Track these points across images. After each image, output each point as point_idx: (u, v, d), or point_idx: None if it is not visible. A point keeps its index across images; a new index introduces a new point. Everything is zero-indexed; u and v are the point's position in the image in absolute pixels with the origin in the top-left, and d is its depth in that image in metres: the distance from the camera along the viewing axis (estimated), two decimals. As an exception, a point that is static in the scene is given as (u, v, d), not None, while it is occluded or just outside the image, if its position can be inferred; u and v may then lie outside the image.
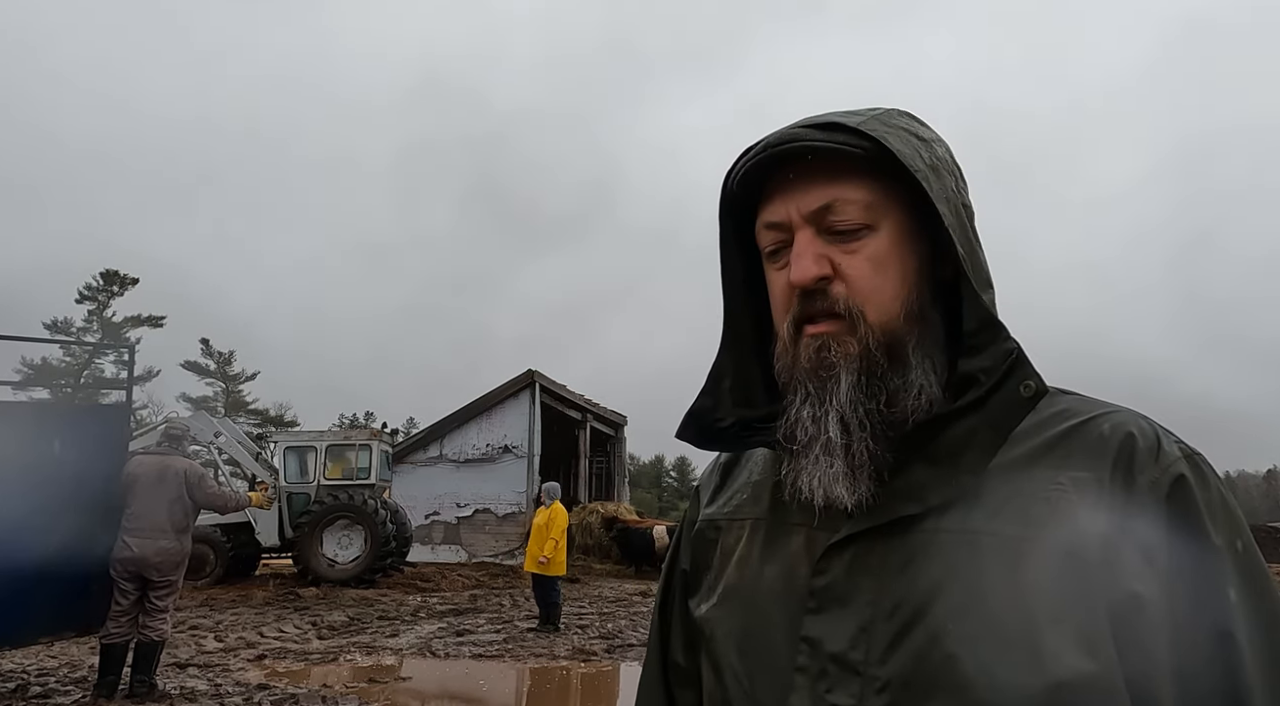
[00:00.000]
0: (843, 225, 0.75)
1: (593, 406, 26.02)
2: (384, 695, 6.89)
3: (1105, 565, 0.65)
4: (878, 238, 0.75)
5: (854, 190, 0.75)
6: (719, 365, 0.88)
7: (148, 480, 6.37)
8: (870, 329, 0.74)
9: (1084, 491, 0.68)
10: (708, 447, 0.88)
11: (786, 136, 0.77)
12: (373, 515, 15.09)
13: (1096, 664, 0.62)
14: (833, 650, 0.71)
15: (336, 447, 16.32)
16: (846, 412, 0.73)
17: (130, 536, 6.21)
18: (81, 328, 44.01)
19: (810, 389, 0.75)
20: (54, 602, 6.08)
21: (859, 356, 0.74)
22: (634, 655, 8.88)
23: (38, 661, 7.62)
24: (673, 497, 62.54)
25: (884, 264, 0.75)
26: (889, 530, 0.72)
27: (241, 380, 50.89)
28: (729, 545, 0.85)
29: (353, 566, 14.89)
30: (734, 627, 0.80)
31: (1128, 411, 0.75)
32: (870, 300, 0.74)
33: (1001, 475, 0.71)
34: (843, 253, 0.75)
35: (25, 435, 6.05)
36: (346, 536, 15.12)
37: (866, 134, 0.74)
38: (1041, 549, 0.66)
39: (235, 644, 9.05)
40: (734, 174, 0.81)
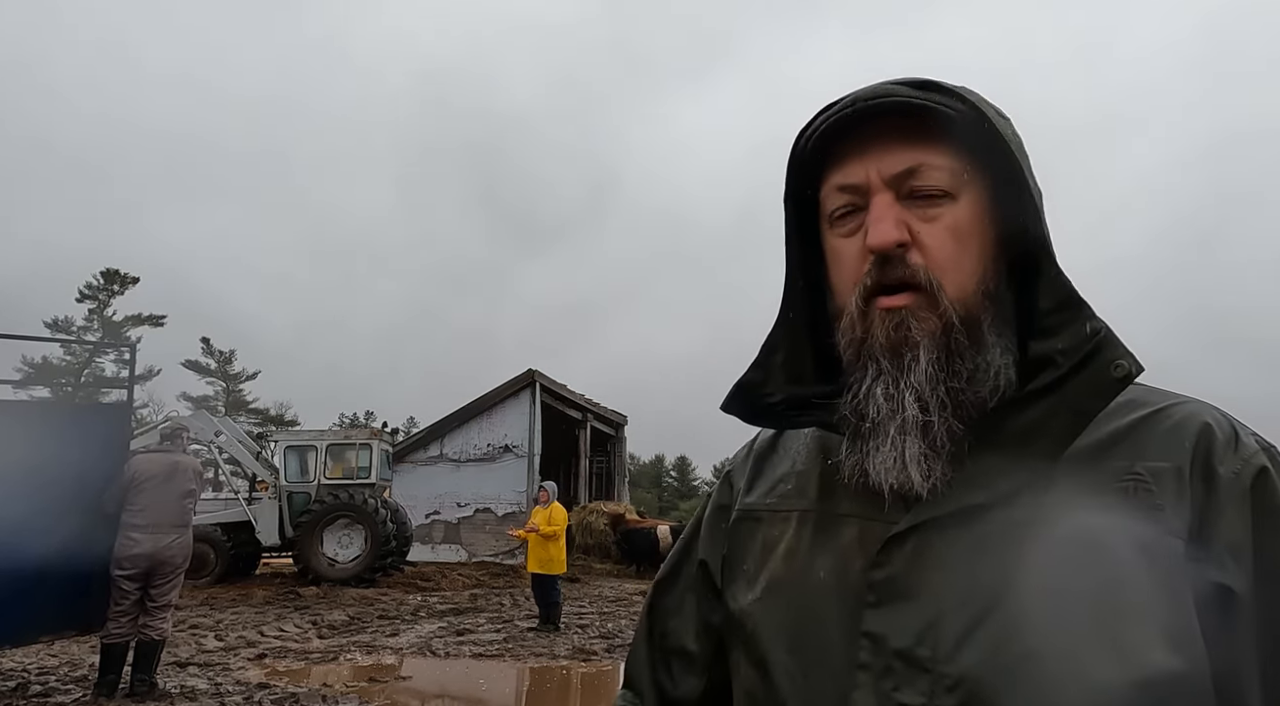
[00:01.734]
0: (925, 191, 0.71)
1: (593, 406, 26.02)
2: (384, 694, 6.89)
3: (1191, 558, 0.62)
4: (958, 207, 0.71)
5: (940, 155, 0.71)
6: (773, 337, 0.83)
7: (158, 477, 6.43)
8: (951, 303, 0.70)
9: (1164, 482, 0.66)
10: (755, 423, 0.85)
11: (880, 91, 0.72)
12: (373, 514, 15.10)
13: (1184, 661, 0.60)
14: (898, 646, 0.67)
15: (337, 447, 16.32)
16: (925, 392, 0.69)
17: (139, 533, 6.26)
18: (82, 326, 44.03)
19: (885, 365, 0.71)
20: (54, 602, 6.08)
21: (942, 330, 0.70)
22: (634, 655, 8.87)
23: (38, 660, 7.62)
24: (673, 497, 62.54)
25: (964, 236, 0.71)
26: (954, 520, 0.68)
27: (242, 379, 50.93)
28: (772, 537, 0.81)
29: (353, 565, 14.89)
30: (783, 622, 0.76)
31: (1198, 402, 0.72)
32: (948, 273, 0.70)
33: (1071, 464, 0.67)
34: (921, 220, 0.71)
35: (26, 434, 6.06)
36: (347, 535, 15.12)
37: (963, 96, 0.71)
38: (1122, 541, 0.63)
39: (235, 643, 9.05)
40: (811, 131, 0.76)
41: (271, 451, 16.64)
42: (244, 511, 15.70)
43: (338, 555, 15.05)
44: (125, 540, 6.24)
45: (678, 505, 55.09)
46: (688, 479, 69.63)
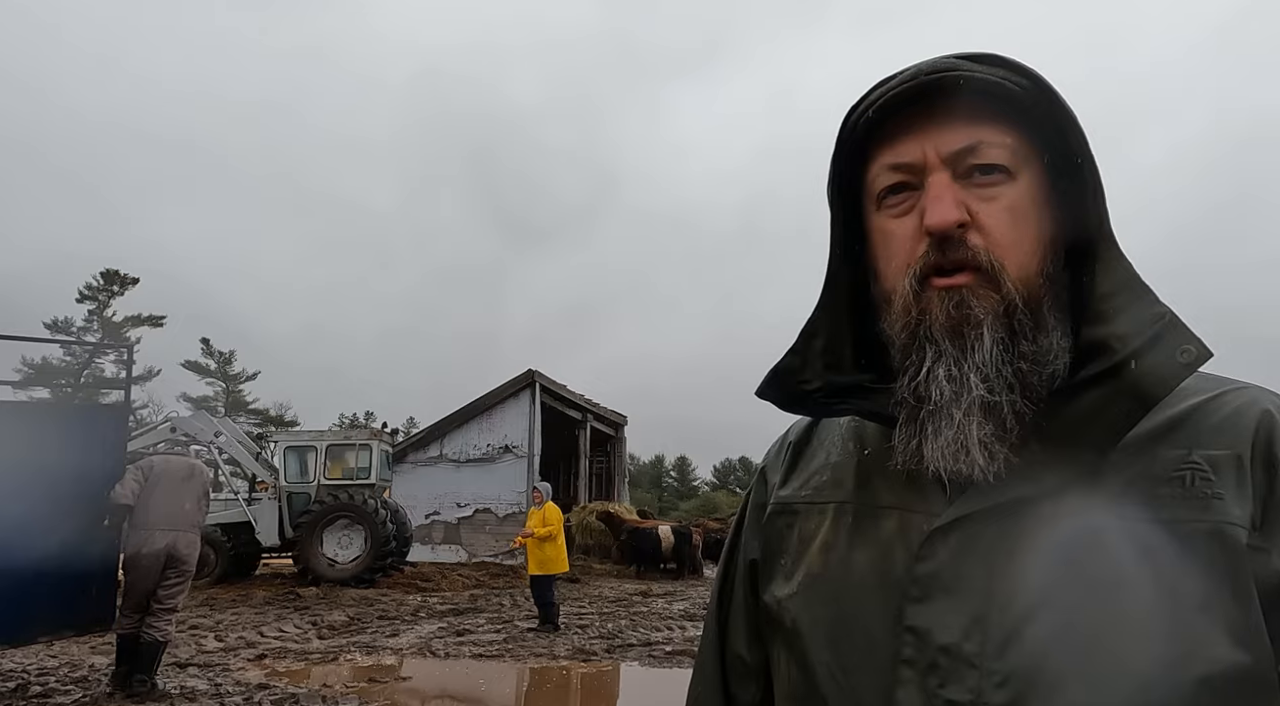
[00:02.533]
0: (985, 169, 0.69)
1: (593, 406, 26.02)
2: (384, 695, 6.89)
3: (1255, 548, 0.60)
4: (1018, 186, 0.69)
5: (1000, 132, 0.69)
6: (813, 322, 0.80)
7: (175, 476, 6.62)
8: (1013, 283, 0.67)
9: (1223, 471, 0.63)
10: (791, 410, 0.81)
11: (942, 64, 0.69)
12: (373, 515, 15.09)
13: (1250, 655, 0.58)
14: (943, 641, 0.65)
15: (337, 447, 16.32)
16: (990, 372, 0.66)
17: (158, 530, 6.43)
18: (81, 327, 44.02)
19: (945, 346, 0.68)
20: (54, 602, 6.08)
21: (1004, 311, 0.67)
22: (634, 655, 8.87)
23: (38, 661, 7.61)
24: (673, 497, 62.53)
25: (1024, 216, 0.69)
26: (1000, 512, 0.66)
27: (242, 380, 50.92)
28: (808, 530, 0.79)
29: (353, 566, 14.89)
30: (822, 618, 0.74)
31: (1256, 387, 0.70)
32: (1010, 254, 0.68)
33: (1124, 454, 0.65)
34: (981, 200, 0.69)
35: (25, 435, 6.05)
36: (347, 536, 15.12)
37: (1028, 72, 0.68)
38: (1177, 531, 0.61)
39: (235, 643, 9.05)
40: (865, 107, 0.73)
41: (271, 452, 16.64)
42: (244, 512, 15.69)
43: (337, 555, 15.05)
44: (144, 536, 6.38)
45: (677, 505, 55.07)
46: (688, 479, 69.63)
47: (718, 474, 69.46)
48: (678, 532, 20.33)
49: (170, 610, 6.46)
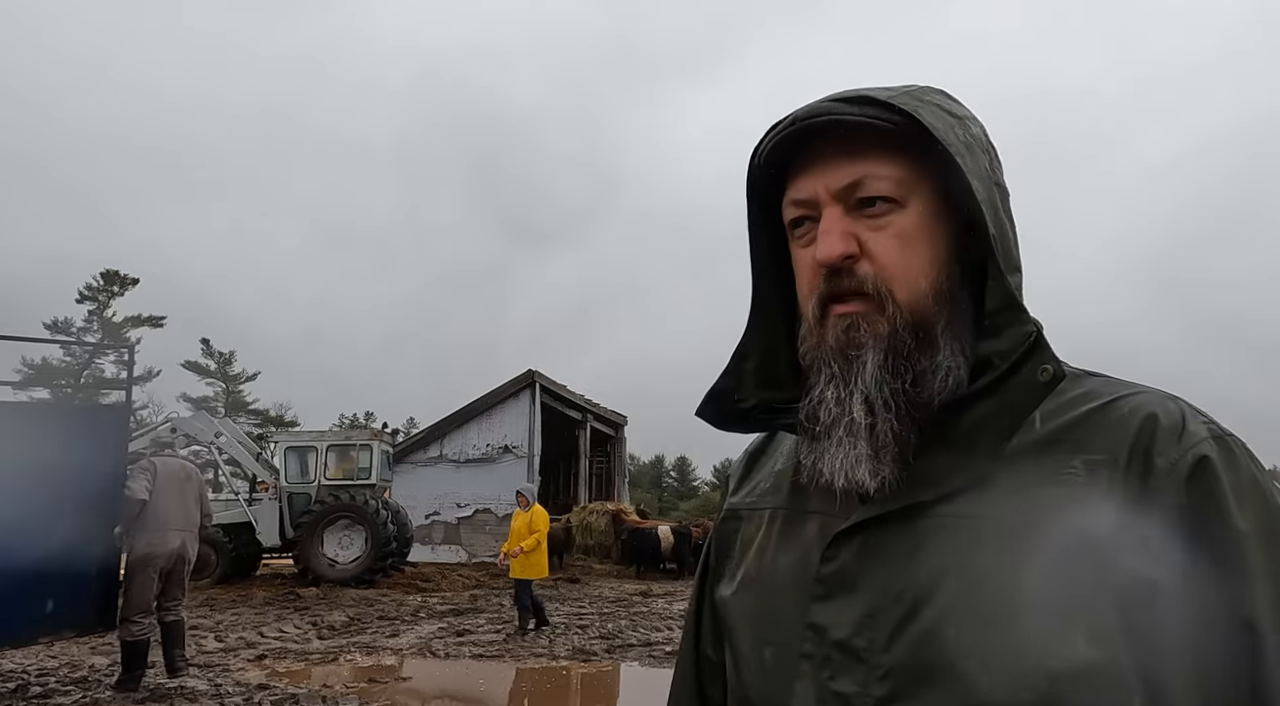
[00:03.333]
0: (870, 201, 0.73)
1: (593, 406, 26.03)
2: (384, 695, 6.89)
3: (1115, 551, 0.62)
4: (906, 215, 0.73)
5: (883, 166, 0.73)
6: (744, 345, 0.86)
7: (176, 479, 6.83)
8: (899, 308, 0.72)
9: (1097, 474, 0.66)
10: (726, 428, 0.86)
11: (815, 110, 0.74)
12: (374, 516, 15.07)
13: (1102, 652, 0.60)
14: (837, 637, 0.70)
15: (337, 448, 16.31)
16: (872, 393, 0.71)
17: (170, 531, 6.65)
18: (82, 328, 44.02)
19: (835, 369, 0.73)
20: (55, 603, 6.09)
21: (887, 336, 0.72)
22: (634, 655, 8.87)
23: (38, 661, 7.62)
24: (673, 497, 62.54)
25: (913, 242, 0.73)
26: (900, 516, 0.70)
27: (242, 380, 50.92)
28: (749, 534, 0.85)
29: (353, 566, 14.88)
30: (749, 616, 0.80)
31: (1157, 392, 0.71)
32: (898, 279, 0.72)
33: (1017, 460, 0.69)
34: (870, 230, 0.73)
35: (25, 435, 6.06)
36: (347, 536, 15.11)
37: (898, 108, 0.72)
38: (1048, 534, 0.64)
39: (235, 644, 9.05)
40: (761, 149, 0.79)
41: (272, 452, 16.63)
42: (244, 512, 15.68)
43: (338, 556, 15.04)
44: (157, 536, 6.56)
45: (677, 505, 55.07)
46: (688, 479, 69.63)
47: (718, 474, 69.38)
48: (677, 533, 20.33)
49: (181, 601, 6.89)
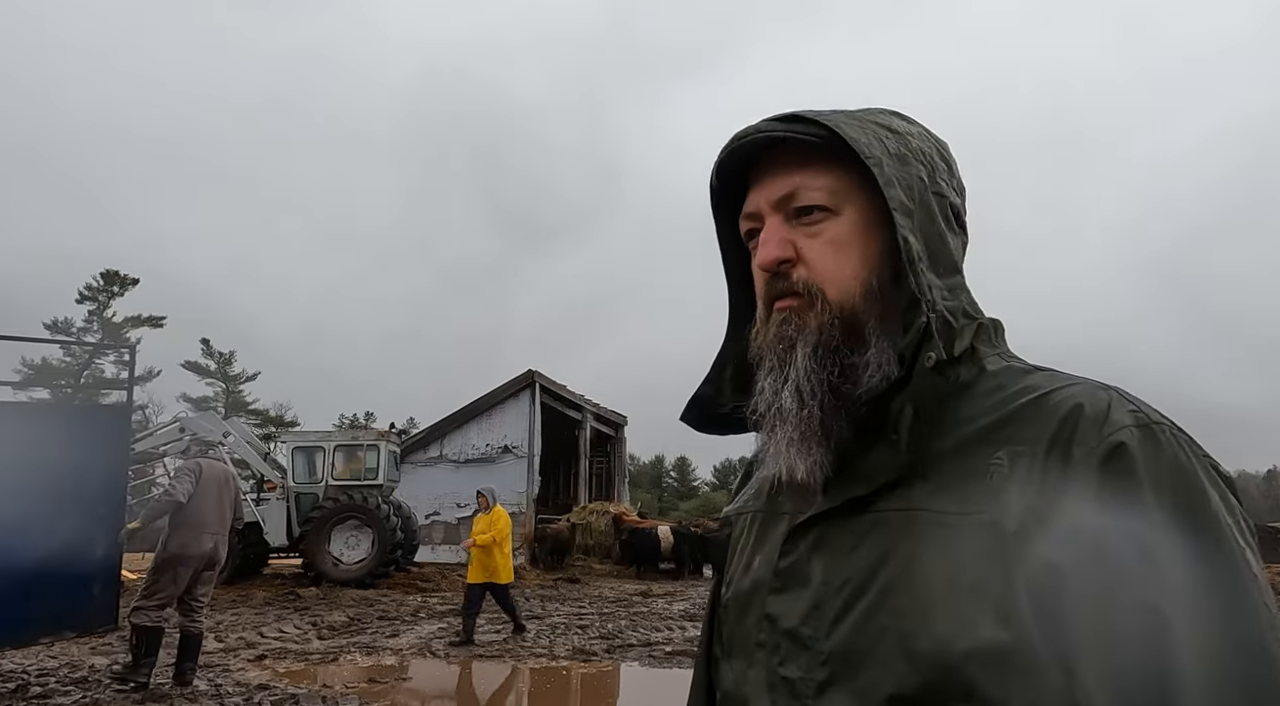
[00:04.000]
0: (805, 210, 0.79)
1: (593, 406, 26.03)
2: (384, 695, 6.89)
3: (1024, 537, 0.65)
4: (839, 222, 0.79)
5: (816, 177, 0.79)
6: (723, 354, 0.92)
7: (217, 482, 6.95)
8: (828, 305, 0.78)
9: (1017, 464, 0.68)
10: (706, 431, 0.93)
11: (750, 129, 0.81)
12: (381, 516, 15.00)
13: (1009, 634, 0.62)
14: (787, 626, 0.76)
15: (345, 448, 16.27)
16: (801, 382, 0.76)
17: (205, 532, 6.76)
18: (82, 328, 44.03)
19: (774, 361, 0.79)
20: (55, 603, 6.09)
21: (816, 329, 0.77)
22: (634, 655, 8.88)
23: (38, 661, 7.61)
24: (673, 497, 62.52)
25: (844, 246, 0.79)
26: (845, 511, 0.75)
27: (242, 380, 50.93)
28: (736, 538, 0.91)
29: (360, 567, 14.81)
30: (730, 614, 0.85)
31: (1091, 383, 0.73)
32: (830, 280, 0.78)
33: (953, 452, 0.72)
34: (806, 237, 0.79)
35: (26, 436, 6.06)
36: (354, 537, 15.05)
37: (823, 124, 0.78)
38: (968, 523, 0.68)
39: (235, 644, 9.05)
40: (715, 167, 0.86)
41: (279, 452, 16.60)
42: (252, 512, 15.63)
43: (345, 556, 14.97)
44: (192, 535, 6.67)
45: (677, 505, 55.05)
46: (688, 479, 69.62)
47: (718, 474, 69.40)
48: (677, 533, 20.32)
49: (204, 605, 6.95)
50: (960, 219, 0.84)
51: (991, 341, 0.81)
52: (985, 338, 0.81)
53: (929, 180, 0.80)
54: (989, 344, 0.81)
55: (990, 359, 0.79)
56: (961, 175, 0.88)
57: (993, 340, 0.82)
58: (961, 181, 0.87)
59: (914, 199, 0.78)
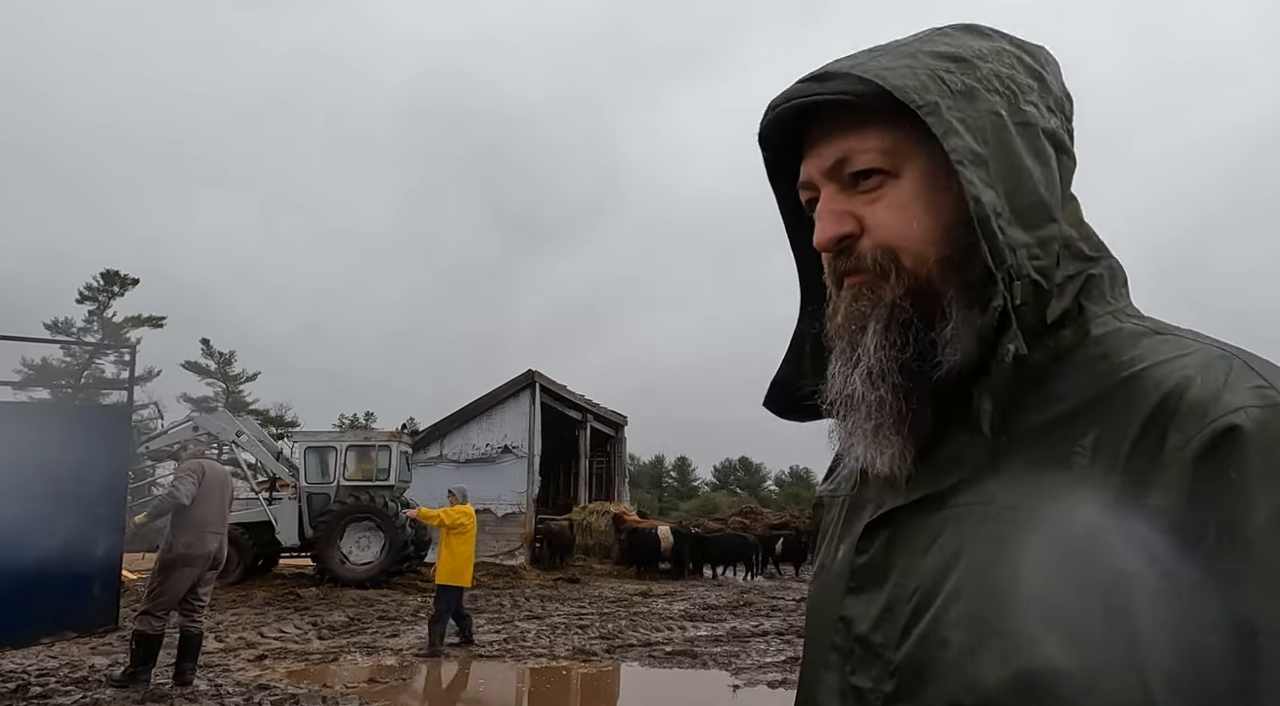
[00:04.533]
0: (862, 175, 0.70)
1: (593, 406, 26.02)
2: (384, 695, 6.89)
3: (1096, 542, 0.56)
4: (901, 184, 0.69)
5: (866, 137, 0.70)
6: (799, 333, 0.83)
7: (218, 481, 6.98)
8: (903, 275, 0.68)
9: (1100, 453, 0.59)
10: (787, 417, 0.84)
11: (787, 94, 0.72)
12: (391, 517, 14.89)
13: (1075, 652, 0.55)
14: (860, 631, 0.69)
15: (357, 448, 16.20)
16: (872, 363, 0.68)
17: (209, 532, 6.79)
18: (82, 328, 44.03)
19: (843, 344, 0.71)
20: (56, 603, 6.10)
21: (888, 304, 0.68)
22: (634, 655, 8.87)
23: (38, 661, 7.60)
24: (673, 497, 62.54)
25: (911, 208, 0.69)
26: (920, 506, 0.68)
27: (242, 380, 50.91)
28: (826, 523, 0.84)
29: (370, 567, 14.69)
30: (810, 606, 0.80)
31: (1211, 352, 0.61)
32: (901, 247, 0.68)
33: (1038, 436, 0.63)
34: (866, 204, 0.70)
35: (26, 436, 6.06)
36: (365, 537, 14.94)
37: (863, 78, 0.68)
38: (1038, 524, 0.59)
39: (235, 644, 9.05)
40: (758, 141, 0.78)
41: (292, 451, 16.55)
42: (265, 511, 15.54)
43: (356, 557, 14.86)
44: (196, 536, 6.69)
45: (678, 505, 55.08)
46: (688, 479, 69.63)
47: (718, 474, 69.45)
48: (677, 533, 20.31)
49: (205, 605, 6.99)
50: (1061, 142, 0.71)
51: (1105, 297, 0.69)
52: (1096, 293, 0.69)
53: (1010, 110, 0.68)
54: (1099, 300, 0.69)
55: (1099, 321, 0.67)
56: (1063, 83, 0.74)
57: (1106, 295, 0.69)
58: (1062, 93, 0.73)
59: (987, 141, 0.66)
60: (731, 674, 7.88)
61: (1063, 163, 0.70)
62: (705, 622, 11.52)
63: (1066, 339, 0.67)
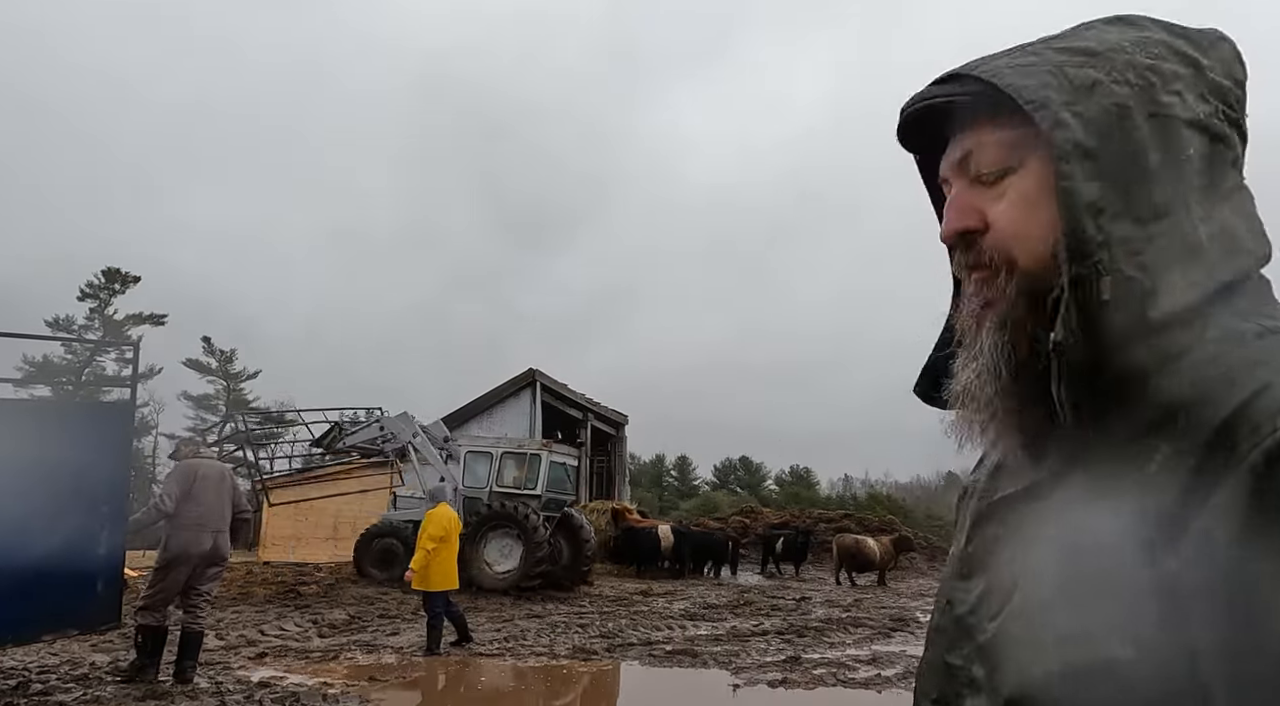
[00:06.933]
0: (984, 170, 0.73)
1: (593, 405, 26.06)
2: (384, 693, 6.91)
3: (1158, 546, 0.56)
4: (1023, 176, 0.71)
5: (990, 132, 0.73)
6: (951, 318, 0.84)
7: (213, 479, 7.03)
8: (1018, 275, 0.70)
9: (1175, 455, 0.59)
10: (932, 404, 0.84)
11: (914, 98, 0.77)
12: (531, 528, 14.57)
13: (1131, 650, 0.56)
14: (959, 612, 0.74)
15: (510, 455, 16.10)
16: (987, 360, 0.71)
17: (203, 531, 6.85)
18: (83, 325, 44.07)
19: (966, 340, 0.74)
20: (58, 600, 6.11)
21: (1003, 301, 0.70)
22: (634, 654, 8.89)
23: (39, 659, 7.63)
24: (673, 497, 62.52)
25: (1032, 203, 0.70)
26: (1016, 499, 0.72)
27: (243, 378, 50.96)
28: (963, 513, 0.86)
29: (507, 577, 14.40)
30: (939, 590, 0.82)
31: None
32: (1017, 244, 0.70)
33: (1127, 438, 0.63)
34: (991, 199, 0.72)
35: (28, 433, 6.07)
36: (509, 545, 14.72)
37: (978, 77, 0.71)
38: (1110, 522, 0.61)
39: (236, 642, 9.07)
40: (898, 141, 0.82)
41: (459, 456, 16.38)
42: None
43: (498, 565, 14.66)
44: (192, 535, 6.76)
45: (678, 505, 55.07)
46: (688, 479, 69.62)
47: (718, 473, 69.38)
48: (677, 532, 20.34)
49: (209, 602, 7.08)
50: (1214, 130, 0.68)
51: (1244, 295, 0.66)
52: (1235, 291, 0.65)
53: (1142, 102, 0.66)
54: (1233, 298, 0.65)
55: (1220, 321, 0.64)
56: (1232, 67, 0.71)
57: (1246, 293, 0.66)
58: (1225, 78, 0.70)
59: (1101, 133, 0.65)
60: (731, 673, 7.90)
61: (1216, 152, 0.68)
62: (705, 622, 11.53)
63: (1180, 339, 0.64)
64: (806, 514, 31.22)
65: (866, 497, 50.59)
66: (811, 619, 12.16)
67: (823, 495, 56.21)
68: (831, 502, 46.65)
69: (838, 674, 7.92)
